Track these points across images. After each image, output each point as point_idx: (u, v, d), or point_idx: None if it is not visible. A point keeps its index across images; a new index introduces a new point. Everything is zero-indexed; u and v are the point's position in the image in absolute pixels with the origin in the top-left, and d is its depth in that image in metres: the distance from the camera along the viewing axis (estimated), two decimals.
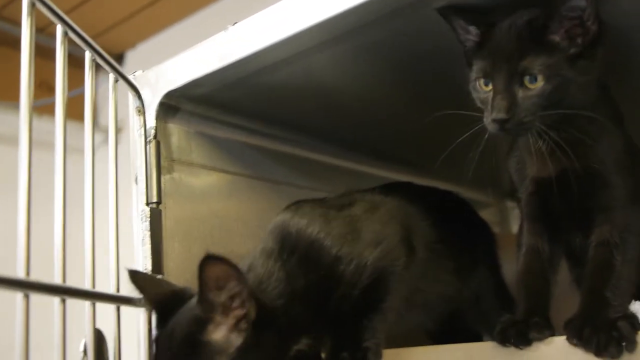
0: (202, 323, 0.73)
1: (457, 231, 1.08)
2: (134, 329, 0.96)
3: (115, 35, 2.41)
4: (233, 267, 0.71)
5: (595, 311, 0.77)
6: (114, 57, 2.49)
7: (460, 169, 0.94)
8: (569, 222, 0.88)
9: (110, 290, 0.90)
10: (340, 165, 1.32)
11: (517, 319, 0.81)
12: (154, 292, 0.84)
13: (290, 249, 0.84)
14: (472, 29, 0.85)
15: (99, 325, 0.86)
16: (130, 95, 1.02)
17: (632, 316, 0.76)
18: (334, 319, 0.85)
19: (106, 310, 0.90)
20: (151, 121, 1.02)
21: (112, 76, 0.96)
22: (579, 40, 0.78)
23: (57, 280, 0.77)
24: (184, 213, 1.05)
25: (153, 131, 1.01)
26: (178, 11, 2.31)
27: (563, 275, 0.95)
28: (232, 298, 0.73)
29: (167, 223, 1.01)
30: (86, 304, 0.84)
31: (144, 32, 2.42)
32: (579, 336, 0.74)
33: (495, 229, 1.78)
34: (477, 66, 0.83)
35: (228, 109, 1.12)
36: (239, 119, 1.15)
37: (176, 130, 1.06)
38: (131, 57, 2.53)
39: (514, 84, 0.79)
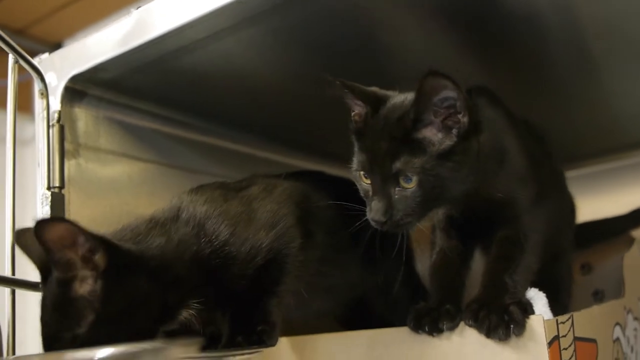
0: (65, 283, 0.72)
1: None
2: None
3: (53, 24, 2.36)
4: (69, 222, 0.70)
5: (493, 295, 0.80)
6: (52, 46, 2.50)
7: None
8: (479, 229, 0.90)
9: (6, 272, 0.89)
10: (256, 154, 1.32)
11: (430, 307, 0.83)
12: (40, 252, 0.78)
13: (185, 220, 0.84)
14: (360, 105, 0.83)
15: None
16: (34, 78, 1.00)
17: (526, 302, 0.78)
18: (231, 299, 0.85)
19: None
20: (56, 105, 1.01)
21: (11, 57, 0.95)
22: (454, 132, 0.77)
23: None
24: (90, 199, 1.03)
25: (56, 115, 1.00)
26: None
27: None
28: (85, 251, 0.71)
29: (71, 208, 1.00)
30: None
31: (83, 20, 2.38)
32: (474, 318, 0.77)
33: None
34: (357, 159, 0.83)
35: (139, 95, 1.11)
36: (151, 105, 1.14)
37: (83, 115, 1.05)
38: None
39: (389, 184, 0.78)
